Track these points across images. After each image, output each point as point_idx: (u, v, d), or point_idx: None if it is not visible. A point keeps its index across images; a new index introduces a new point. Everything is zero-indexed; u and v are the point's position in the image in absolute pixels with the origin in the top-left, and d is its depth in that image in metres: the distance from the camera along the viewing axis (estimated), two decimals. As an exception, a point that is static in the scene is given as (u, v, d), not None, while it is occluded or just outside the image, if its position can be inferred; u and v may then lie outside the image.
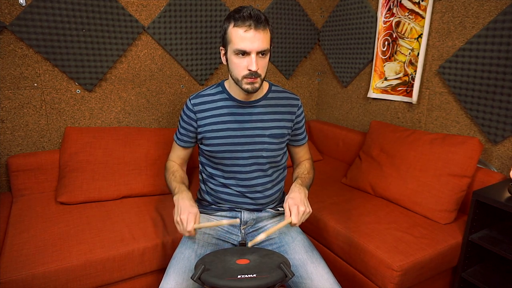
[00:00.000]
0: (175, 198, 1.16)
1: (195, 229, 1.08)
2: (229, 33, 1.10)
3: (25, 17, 1.67)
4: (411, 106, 2.04)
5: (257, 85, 1.14)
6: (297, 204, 1.08)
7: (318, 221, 1.66)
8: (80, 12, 1.76)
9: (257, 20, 1.07)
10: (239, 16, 1.07)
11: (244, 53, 1.09)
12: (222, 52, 1.18)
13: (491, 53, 1.61)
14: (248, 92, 1.15)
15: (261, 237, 1.04)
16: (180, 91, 2.19)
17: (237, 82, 1.15)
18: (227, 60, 1.17)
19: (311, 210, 1.11)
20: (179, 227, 1.09)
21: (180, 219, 1.08)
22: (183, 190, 1.19)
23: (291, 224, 1.08)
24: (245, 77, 1.12)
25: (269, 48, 1.13)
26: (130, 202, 1.73)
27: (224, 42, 1.14)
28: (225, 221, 1.11)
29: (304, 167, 1.35)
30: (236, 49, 1.09)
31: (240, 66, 1.11)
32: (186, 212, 1.08)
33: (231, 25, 1.09)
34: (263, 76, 1.15)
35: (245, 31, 1.07)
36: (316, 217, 1.68)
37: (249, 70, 1.10)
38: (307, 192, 1.18)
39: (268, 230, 1.07)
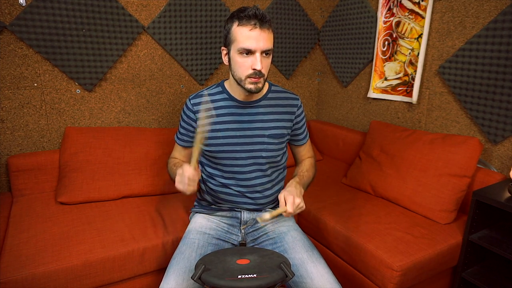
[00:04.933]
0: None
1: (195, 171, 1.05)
2: (233, 32, 1.10)
3: (25, 17, 1.67)
4: (411, 106, 2.04)
5: (260, 85, 1.14)
6: (293, 195, 1.08)
7: (318, 221, 1.66)
8: (80, 12, 1.76)
9: (262, 19, 1.07)
10: (244, 15, 1.07)
11: (249, 52, 1.09)
12: (224, 52, 1.17)
13: (491, 53, 1.61)
14: (251, 92, 1.15)
15: (266, 216, 1.07)
16: (180, 91, 2.19)
17: (240, 82, 1.14)
18: (229, 60, 1.16)
19: (304, 206, 1.11)
20: (180, 186, 1.06)
21: (179, 175, 1.05)
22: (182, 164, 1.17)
23: (284, 214, 1.07)
24: (249, 76, 1.11)
25: (272, 48, 1.13)
26: (130, 202, 1.73)
27: (227, 41, 1.14)
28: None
29: (304, 165, 1.36)
30: (241, 47, 1.08)
31: (244, 66, 1.11)
32: (180, 168, 1.06)
33: (235, 24, 1.09)
34: (266, 76, 1.15)
35: (250, 30, 1.07)
36: (316, 217, 1.68)
37: (254, 69, 1.09)
38: (302, 191, 1.18)
39: (264, 215, 1.08)
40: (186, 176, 1.03)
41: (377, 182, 1.84)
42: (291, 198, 1.07)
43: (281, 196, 1.10)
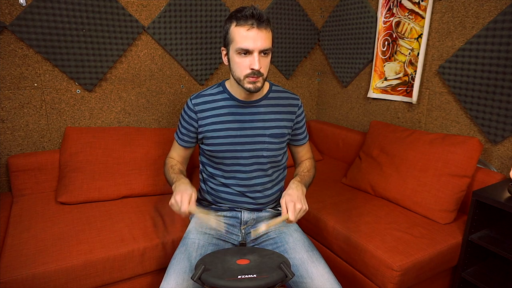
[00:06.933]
0: (173, 186, 1.16)
1: (190, 212, 1.07)
2: (231, 32, 1.10)
3: (25, 17, 1.67)
4: (411, 106, 2.04)
5: (259, 84, 1.13)
6: (294, 201, 1.08)
7: (318, 221, 1.66)
8: (80, 12, 1.76)
9: (259, 19, 1.07)
10: (241, 15, 1.07)
11: (247, 52, 1.09)
12: (224, 52, 1.18)
13: (491, 53, 1.61)
14: (250, 92, 1.15)
15: (262, 228, 1.07)
16: (180, 91, 2.19)
17: (239, 81, 1.15)
18: (229, 60, 1.16)
19: (307, 208, 1.10)
20: (174, 208, 1.08)
21: (175, 200, 1.06)
22: (180, 178, 1.18)
23: (287, 221, 1.07)
24: (247, 76, 1.11)
25: (271, 47, 1.13)
26: (130, 202, 1.73)
27: (226, 42, 1.14)
28: (213, 221, 1.07)
29: (305, 166, 1.36)
30: (239, 48, 1.09)
31: (242, 65, 1.11)
32: (179, 193, 1.07)
33: (233, 24, 1.09)
34: (265, 75, 1.14)
35: (247, 30, 1.07)
36: (316, 217, 1.68)
37: (252, 69, 1.10)
38: (304, 189, 1.17)
39: (268, 223, 1.09)
40: (182, 212, 1.05)
41: (377, 182, 1.84)
42: (292, 205, 1.07)
43: (282, 202, 1.10)
